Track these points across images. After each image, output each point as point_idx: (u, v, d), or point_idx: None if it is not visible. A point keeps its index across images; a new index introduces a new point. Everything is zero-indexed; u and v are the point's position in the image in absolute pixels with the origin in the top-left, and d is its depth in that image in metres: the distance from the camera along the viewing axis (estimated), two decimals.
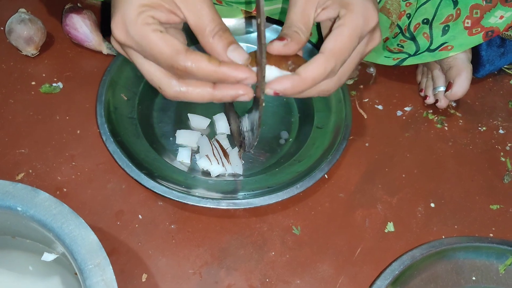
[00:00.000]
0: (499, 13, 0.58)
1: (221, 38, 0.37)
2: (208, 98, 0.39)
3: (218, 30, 0.38)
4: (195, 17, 0.38)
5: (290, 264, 0.50)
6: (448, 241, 0.49)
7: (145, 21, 0.37)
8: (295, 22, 0.40)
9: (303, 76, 0.38)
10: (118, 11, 0.38)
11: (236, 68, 0.37)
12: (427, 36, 0.61)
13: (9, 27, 0.61)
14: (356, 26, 0.39)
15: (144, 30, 0.37)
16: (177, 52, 0.37)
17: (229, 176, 0.55)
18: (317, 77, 0.38)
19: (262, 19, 0.35)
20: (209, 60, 0.37)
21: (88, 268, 0.37)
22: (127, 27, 0.37)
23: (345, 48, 0.39)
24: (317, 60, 0.38)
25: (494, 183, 0.59)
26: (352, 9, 0.39)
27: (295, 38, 0.39)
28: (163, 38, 0.37)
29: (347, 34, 0.39)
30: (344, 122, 0.57)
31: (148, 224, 0.51)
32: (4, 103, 0.59)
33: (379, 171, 0.58)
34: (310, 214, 0.54)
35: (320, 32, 0.47)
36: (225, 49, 0.37)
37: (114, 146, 0.52)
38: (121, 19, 0.38)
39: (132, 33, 0.37)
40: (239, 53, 0.38)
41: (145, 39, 0.37)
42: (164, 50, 0.37)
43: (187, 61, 0.37)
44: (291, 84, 0.38)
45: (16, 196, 0.40)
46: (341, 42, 0.39)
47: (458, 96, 0.60)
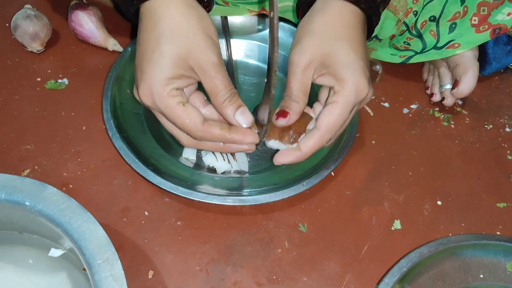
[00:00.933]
0: (507, 10, 0.58)
1: (230, 103, 0.44)
2: (219, 150, 0.48)
3: (228, 96, 0.44)
4: (210, 84, 0.44)
5: (297, 261, 0.50)
6: (456, 239, 0.49)
7: (171, 93, 0.43)
8: (295, 91, 0.46)
9: (304, 151, 0.46)
10: (146, 80, 0.44)
11: (243, 134, 0.45)
12: (434, 34, 0.61)
13: (15, 23, 0.61)
14: (348, 102, 0.45)
15: (169, 102, 0.43)
16: (196, 126, 0.44)
17: (235, 173, 0.55)
18: (315, 150, 0.46)
19: (275, 13, 0.35)
20: (221, 129, 0.45)
21: (97, 263, 0.37)
22: (154, 97, 0.44)
23: (337, 123, 0.45)
24: (314, 136, 0.45)
25: (500, 181, 0.58)
26: (345, 87, 0.44)
27: (296, 110, 0.46)
28: (185, 110, 0.44)
29: (339, 112, 0.45)
30: (350, 120, 0.57)
31: (154, 220, 0.51)
32: (10, 99, 0.59)
33: (385, 169, 0.58)
34: (316, 212, 0.54)
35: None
36: (234, 112, 0.45)
37: (120, 142, 0.52)
38: (149, 88, 0.44)
39: (158, 103, 0.44)
40: (245, 117, 0.45)
41: (170, 110, 0.44)
42: (186, 123, 0.44)
43: (204, 133, 0.44)
44: (294, 158, 0.46)
45: (23, 190, 0.40)
46: (334, 119, 0.45)
47: (465, 94, 0.60)
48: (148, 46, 0.44)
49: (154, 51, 0.43)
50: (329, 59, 0.45)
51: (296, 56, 0.45)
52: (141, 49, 0.45)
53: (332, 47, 0.45)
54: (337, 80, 0.45)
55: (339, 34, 0.45)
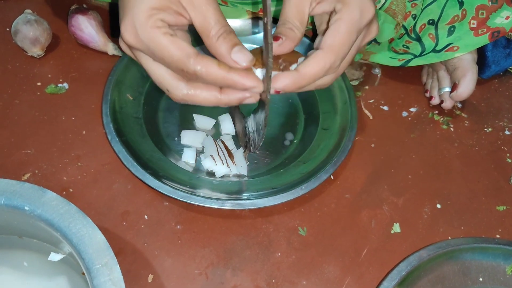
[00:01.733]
0: (505, 13, 0.58)
1: (225, 40, 0.38)
2: (215, 102, 0.40)
3: (223, 32, 0.38)
4: (200, 19, 0.38)
5: (296, 265, 0.50)
6: (455, 242, 0.49)
7: (155, 24, 0.37)
8: (290, 18, 0.40)
9: (303, 73, 0.38)
10: (128, 14, 0.38)
11: (245, 75, 0.38)
12: (433, 37, 0.61)
13: (15, 28, 0.61)
14: (353, 20, 0.39)
15: (154, 33, 0.37)
16: (188, 56, 0.37)
17: (233, 176, 0.55)
18: (317, 74, 0.39)
19: (269, 18, 0.35)
20: (219, 65, 0.37)
21: (96, 267, 0.37)
22: (137, 30, 0.38)
23: (344, 43, 0.39)
24: (317, 56, 0.39)
25: (500, 184, 0.58)
26: (348, 2, 0.39)
27: (290, 36, 0.40)
28: (173, 41, 0.37)
29: (345, 29, 0.39)
30: (350, 123, 0.57)
31: (154, 224, 0.51)
32: (10, 103, 0.59)
33: (385, 172, 0.58)
34: (316, 215, 0.54)
35: (314, 25, 0.47)
36: (230, 50, 0.38)
37: (119, 146, 0.52)
38: (131, 22, 0.38)
39: (142, 36, 0.38)
40: (243, 54, 0.38)
41: (155, 42, 0.37)
42: (175, 53, 0.37)
43: (197, 65, 0.37)
44: (291, 81, 0.38)
45: (23, 195, 0.40)
46: (339, 37, 0.39)
47: (464, 97, 0.60)
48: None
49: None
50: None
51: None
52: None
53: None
54: (339, 1, 0.40)
55: None
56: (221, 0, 0.60)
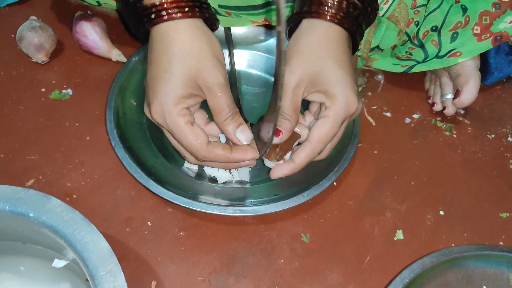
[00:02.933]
0: (509, 18, 0.58)
1: (231, 121, 0.47)
2: (221, 166, 0.51)
3: (230, 114, 0.47)
4: (214, 102, 0.47)
5: (299, 272, 0.50)
6: (458, 249, 0.49)
7: (181, 113, 0.46)
8: (286, 110, 0.48)
9: (297, 162, 0.48)
10: (157, 99, 0.46)
11: (243, 152, 0.48)
12: (436, 43, 0.61)
13: (20, 34, 0.62)
14: (338, 117, 0.47)
15: (179, 121, 0.46)
16: (201, 146, 0.47)
17: (236, 183, 0.55)
18: (308, 160, 0.49)
19: (283, 26, 0.35)
20: (224, 149, 0.47)
21: (100, 274, 0.37)
22: (165, 115, 0.46)
23: (328, 136, 0.48)
24: (306, 148, 0.48)
25: (503, 191, 0.58)
26: (335, 102, 0.47)
27: (288, 127, 0.48)
28: (192, 130, 0.46)
29: (330, 125, 0.47)
30: (352, 129, 0.57)
31: (157, 230, 0.51)
32: (14, 109, 0.59)
33: (387, 179, 0.58)
34: (319, 222, 0.54)
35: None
36: (235, 130, 0.47)
37: (123, 151, 0.52)
38: (160, 107, 0.46)
39: (168, 121, 0.46)
40: (245, 134, 0.48)
41: (178, 129, 0.46)
42: (192, 142, 0.47)
43: (207, 153, 0.47)
44: (289, 170, 0.49)
45: (28, 202, 0.40)
46: (325, 131, 0.47)
47: (466, 104, 0.60)
48: (159, 67, 0.46)
49: (165, 71, 0.46)
50: (318, 78, 0.47)
51: (286, 76, 0.47)
52: (152, 69, 0.47)
53: (320, 67, 0.47)
54: (328, 96, 0.48)
55: (326, 53, 0.47)
56: (225, 12, 0.60)
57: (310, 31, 0.48)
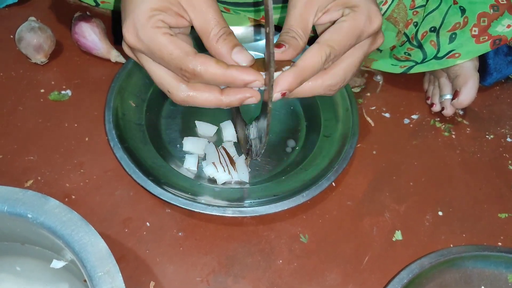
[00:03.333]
0: (507, 21, 0.59)
1: (225, 41, 0.38)
2: (216, 103, 0.40)
3: (222, 33, 0.39)
4: (200, 20, 0.39)
5: (298, 272, 0.50)
6: (457, 250, 0.49)
7: (155, 24, 0.38)
8: (293, 27, 0.41)
9: (301, 66, 0.38)
10: (129, 16, 0.39)
11: (244, 70, 0.38)
12: (434, 44, 0.61)
13: (19, 35, 0.62)
14: (357, 25, 0.40)
15: (154, 33, 0.38)
16: (186, 54, 0.38)
17: (235, 183, 0.55)
18: (315, 65, 0.39)
19: (271, 28, 0.35)
20: (217, 62, 0.38)
21: (98, 275, 0.37)
22: (137, 31, 0.39)
23: (341, 42, 0.39)
24: (312, 49, 0.39)
25: (502, 192, 0.58)
26: (356, 10, 0.40)
27: (293, 44, 0.40)
28: (172, 40, 0.38)
29: (345, 30, 0.39)
30: (351, 130, 0.57)
31: (156, 231, 0.51)
32: (13, 110, 0.59)
33: (386, 179, 0.58)
34: (318, 222, 0.54)
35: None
36: (230, 51, 0.38)
37: (121, 152, 0.52)
38: (132, 23, 0.39)
39: (142, 37, 0.39)
40: (243, 55, 0.38)
41: (155, 42, 0.38)
42: (174, 52, 0.38)
43: (196, 63, 0.38)
44: (293, 77, 0.38)
45: (26, 203, 0.40)
46: (337, 35, 0.39)
47: (465, 104, 0.60)
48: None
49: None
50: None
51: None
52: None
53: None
54: (349, 5, 0.41)
55: None
56: (223, 7, 0.60)
57: None
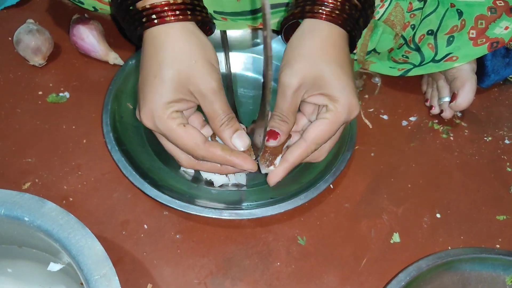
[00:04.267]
0: (504, 23, 0.59)
1: (227, 127, 0.46)
2: (216, 171, 0.50)
3: (226, 120, 0.46)
4: (209, 109, 0.46)
5: (296, 275, 0.50)
6: (455, 252, 0.49)
7: (171, 116, 0.45)
8: (285, 112, 0.47)
9: (291, 161, 0.47)
10: (147, 104, 0.45)
11: (243, 159, 0.46)
12: (432, 47, 0.61)
13: (17, 38, 0.62)
14: (338, 120, 0.47)
15: (170, 124, 0.45)
16: (197, 145, 0.45)
17: (232, 186, 0.55)
18: (301, 159, 0.48)
19: (269, 32, 0.35)
20: (222, 150, 0.46)
21: (94, 278, 0.37)
22: (155, 120, 0.45)
23: (324, 137, 0.47)
24: (301, 146, 0.47)
25: (500, 194, 0.58)
26: (337, 107, 0.46)
27: (285, 130, 0.47)
28: (186, 132, 0.45)
29: (329, 127, 0.47)
30: (349, 133, 0.57)
31: (154, 233, 0.51)
32: (12, 112, 0.59)
33: (384, 181, 0.58)
34: (315, 225, 0.54)
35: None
36: (231, 136, 0.47)
37: (119, 155, 0.52)
38: (150, 112, 0.45)
39: (159, 126, 0.46)
40: (242, 140, 0.47)
41: (171, 131, 0.45)
42: (187, 144, 0.45)
43: (205, 152, 0.46)
44: (284, 171, 0.48)
45: (23, 206, 0.40)
46: (322, 132, 0.47)
47: (462, 107, 0.60)
48: (150, 71, 0.46)
49: (155, 77, 0.45)
50: (321, 82, 0.46)
51: (286, 78, 0.46)
52: (143, 74, 0.47)
53: (324, 71, 0.46)
54: (331, 100, 0.47)
55: (330, 57, 0.47)
56: (221, 17, 0.60)
57: (313, 33, 0.47)
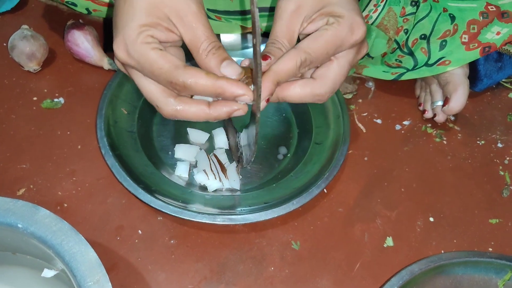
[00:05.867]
0: (496, 28, 0.59)
1: (214, 55, 0.39)
2: (204, 116, 0.41)
3: (212, 48, 0.40)
4: (190, 35, 0.40)
5: (289, 279, 0.50)
6: (447, 256, 0.49)
7: (145, 40, 0.39)
8: (280, 37, 0.42)
9: (276, 70, 0.40)
10: (120, 32, 0.40)
11: (234, 83, 0.38)
12: (425, 51, 0.62)
13: (12, 43, 0.62)
14: (338, 35, 0.41)
15: (144, 49, 0.39)
16: (176, 68, 0.38)
17: (226, 191, 0.55)
18: (290, 69, 0.40)
19: (258, 39, 0.35)
20: (207, 74, 0.38)
21: (88, 285, 0.37)
22: (128, 47, 0.40)
23: (320, 49, 0.40)
24: (289, 54, 0.40)
25: (493, 197, 0.59)
26: (340, 20, 0.41)
27: (278, 55, 0.41)
28: (162, 55, 0.39)
29: (325, 39, 0.40)
30: (342, 137, 0.57)
31: (148, 239, 0.52)
32: (6, 118, 0.59)
33: (378, 185, 0.58)
34: (309, 229, 0.54)
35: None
36: (219, 65, 0.39)
37: (112, 160, 0.53)
38: (122, 39, 0.40)
39: (132, 53, 0.39)
40: (232, 68, 0.39)
41: (145, 57, 0.39)
42: (163, 66, 0.39)
43: (186, 76, 0.38)
44: (268, 81, 0.39)
45: (16, 213, 0.40)
46: (316, 43, 0.40)
47: (455, 111, 0.61)
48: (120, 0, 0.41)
49: (125, 2, 0.40)
50: (323, 1, 0.42)
51: (283, 1, 0.42)
52: (116, 5, 0.42)
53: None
54: (333, 15, 0.42)
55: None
56: (215, 16, 0.60)
57: None
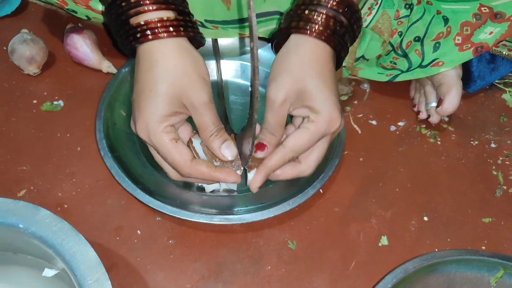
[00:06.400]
0: (489, 29, 0.60)
1: (216, 137, 0.49)
2: (201, 182, 0.53)
3: (215, 131, 0.49)
4: (200, 120, 0.49)
5: (286, 278, 0.51)
6: (440, 254, 0.50)
7: (165, 130, 0.47)
8: (272, 125, 0.50)
9: (268, 166, 0.50)
10: (143, 117, 0.47)
11: (227, 174, 0.49)
12: (419, 53, 0.63)
13: (12, 47, 0.63)
14: (318, 130, 0.49)
15: (163, 138, 0.47)
16: (185, 162, 0.48)
17: (223, 191, 0.56)
18: (279, 164, 0.50)
19: (255, 43, 0.36)
20: (207, 167, 0.49)
21: (88, 283, 0.38)
22: (149, 133, 0.47)
23: (303, 146, 0.49)
24: (279, 152, 0.50)
25: (486, 197, 0.60)
26: (318, 118, 0.49)
27: (273, 142, 0.50)
28: (176, 147, 0.48)
29: (308, 137, 0.49)
30: (338, 138, 0.58)
31: (147, 239, 0.52)
32: (6, 121, 0.60)
33: (373, 186, 0.59)
34: (305, 229, 0.55)
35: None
36: (220, 146, 0.49)
37: (111, 161, 0.53)
38: (145, 125, 0.47)
39: (152, 139, 0.48)
40: (230, 150, 0.49)
41: (162, 145, 0.48)
42: (175, 159, 0.48)
43: (191, 169, 0.48)
44: (263, 176, 0.50)
45: (17, 213, 0.41)
46: (301, 141, 0.49)
47: (449, 112, 0.62)
48: (145, 85, 0.47)
49: (151, 90, 0.47)
50: (305, 95, 0.48)
51: (272, 93, 0.49)
52: (139, 87, 0.48)
53: (307, 85, 0.48)
54: (312, 111, 0.49)
55: (313, 71, 0.48)
56: (212, 26, 0.61)
57: (298, 48, 0.49)
